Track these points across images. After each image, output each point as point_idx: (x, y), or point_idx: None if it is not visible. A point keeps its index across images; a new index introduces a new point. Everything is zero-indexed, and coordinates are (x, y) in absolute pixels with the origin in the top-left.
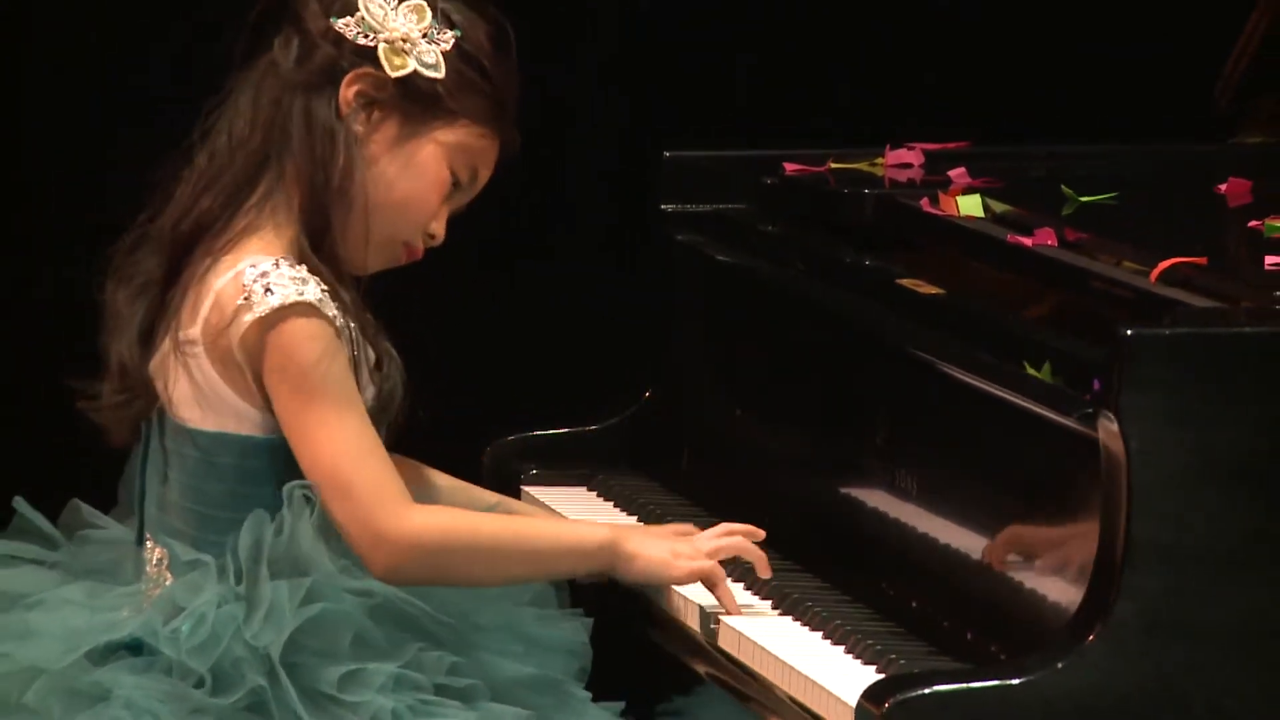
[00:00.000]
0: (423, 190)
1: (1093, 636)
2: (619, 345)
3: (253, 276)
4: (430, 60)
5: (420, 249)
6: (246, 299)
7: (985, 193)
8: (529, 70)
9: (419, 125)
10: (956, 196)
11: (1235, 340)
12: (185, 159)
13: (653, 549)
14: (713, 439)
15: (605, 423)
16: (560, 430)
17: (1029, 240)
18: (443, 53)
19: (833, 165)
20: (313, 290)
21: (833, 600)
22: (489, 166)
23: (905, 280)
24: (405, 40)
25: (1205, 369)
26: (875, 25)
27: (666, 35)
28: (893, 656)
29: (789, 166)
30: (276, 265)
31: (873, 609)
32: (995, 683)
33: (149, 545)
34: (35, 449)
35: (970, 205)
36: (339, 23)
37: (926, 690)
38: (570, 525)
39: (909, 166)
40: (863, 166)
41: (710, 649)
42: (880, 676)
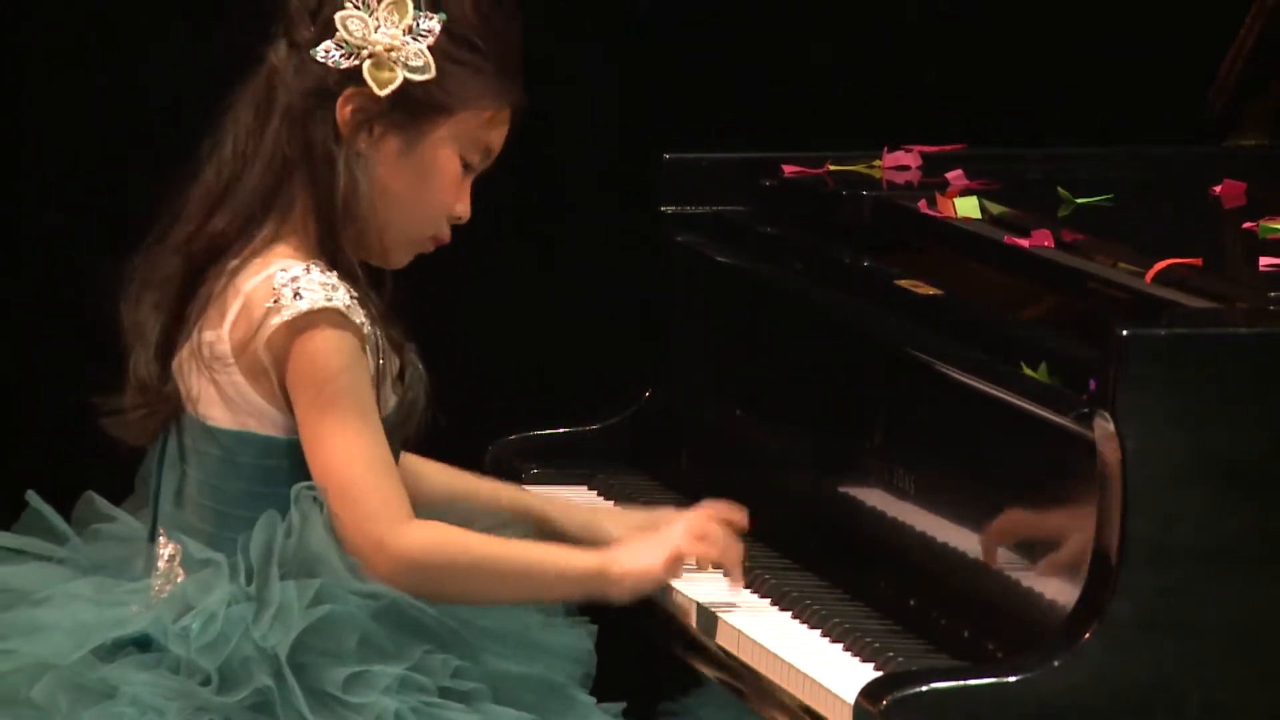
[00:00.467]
0: (437, 190)
1: (1089, 635)
2: (619, 345)
3: (283, 280)
4: (418, 63)
5: (447, 234)
6: (276, 302)
7: (982, 194)
8: (530, 69)
9: (421, 130)
10: (954, 198)
11: (1230, 341)
12: (193, 172)
13: (641, 560)
14: (712, 439)
15: (605, 422)
16: (560, 430)
17: (1026, 241)
18: (430, 46)
19: (831, 167)
20: (342, 296)
21: (831, 598)
22: (501, 137)
23: (903, 281)
24: (389, 50)
25: (1201, 369)
26: (875, 26)
27: (666, 35)
28: (890, 654)
29: (788, 168)
30: (307, 270)
31: (871, 607)
32: (992, 680)
33: (161, 541)
34: (49, 441)
35: (967, 207)
36: (318, 51)
37: (924, 688)
38: (564, 554)
39: (907, 169)
40: (861, 168)
41: (709, 647)
42: (878, 674)
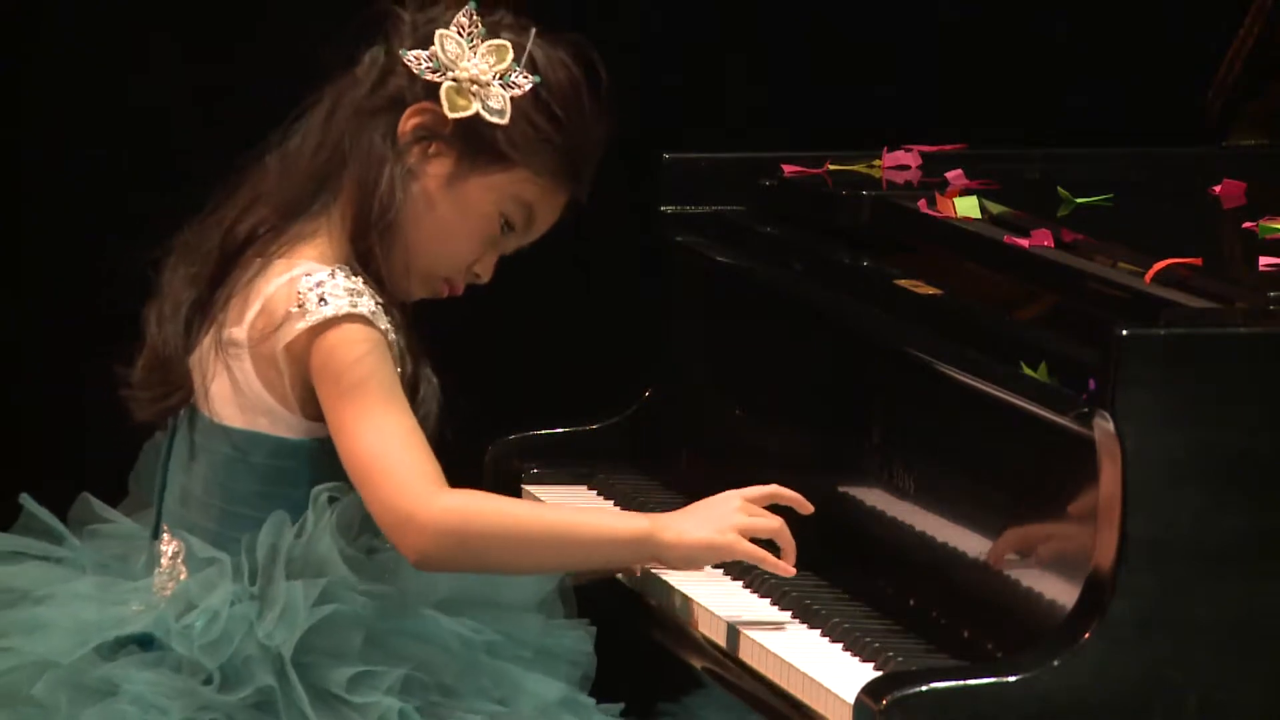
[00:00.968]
0: (467, 230)
1: (1088, 634)
2: (619, 345)
3: (308, 285)
4: (497, 106)
5: (460, 286)
6: (300, 306)
7: (982, 194)
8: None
9: (474, 167)
10: (954, 198)
11: (1230, 340)
12: (258, 157)
13: (696, 530)
14: (713, 438)
15: (606, 421)
16: (561, 429)
17: (1025, 241)
18: (514, 98)
19: (831, 167)
20: (366, 303)
21: (831, 598)
22: (549, 215)
23: (903, 281)
24: (474, 82)
25: (1200, 369)
26: (874, 26)
27: (666, 35)
28: (890, 654)
29: (787, 168)
30: (332, 275)
31: (871, 607)
32: (992, 680)
33: (165, 538)
34: (43, 442)
35: (967, 207)
36: (409, 56)
37: (924, 687)
38: (608, 515)
39: (906, 168)
40: (860, 168)
41: (709, 647)
42: (878, 674)
